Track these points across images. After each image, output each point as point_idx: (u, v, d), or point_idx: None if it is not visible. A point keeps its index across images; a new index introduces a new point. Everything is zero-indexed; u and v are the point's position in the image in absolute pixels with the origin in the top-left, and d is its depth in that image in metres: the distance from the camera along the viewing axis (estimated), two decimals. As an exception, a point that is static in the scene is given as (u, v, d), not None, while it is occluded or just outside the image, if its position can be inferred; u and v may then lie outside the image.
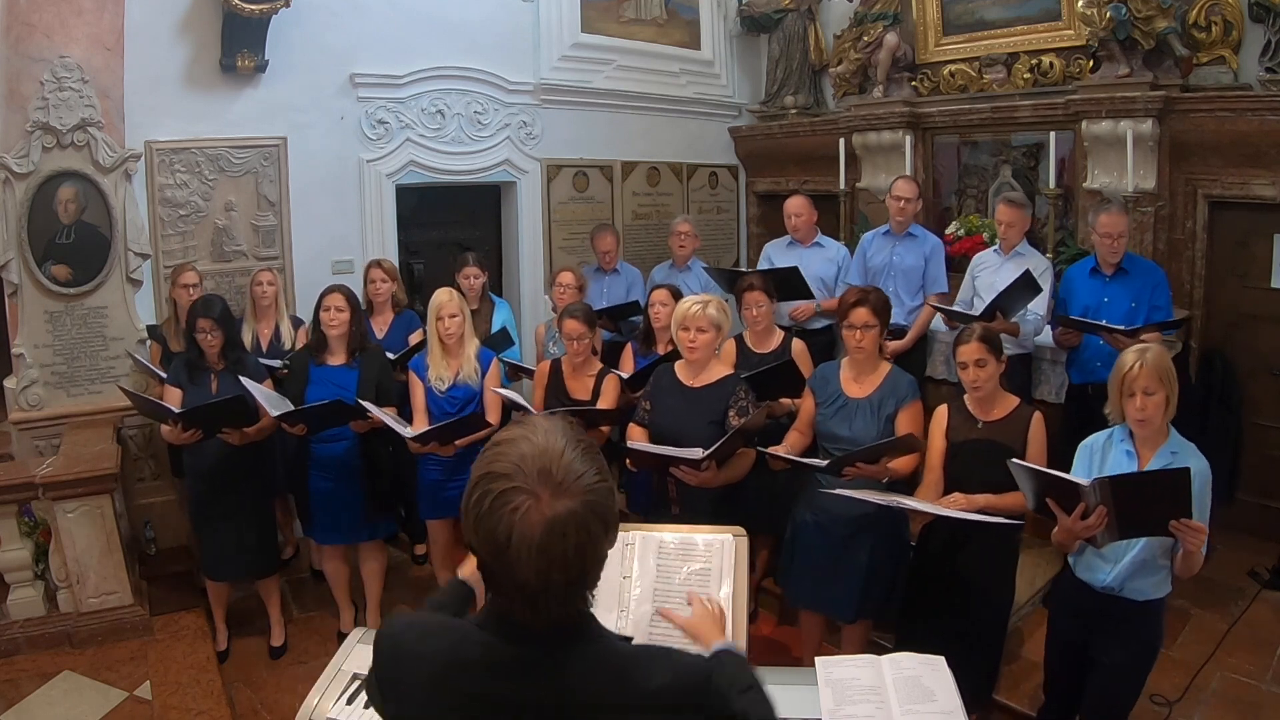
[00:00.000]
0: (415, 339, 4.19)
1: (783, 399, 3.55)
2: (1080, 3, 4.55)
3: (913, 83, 5.59)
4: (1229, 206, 4.45)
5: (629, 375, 3.79)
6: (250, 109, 4.67)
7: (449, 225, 5.79)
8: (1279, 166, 4.15)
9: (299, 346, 4.00)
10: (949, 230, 5.20)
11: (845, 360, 3.17)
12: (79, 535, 3.61)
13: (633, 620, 2.10)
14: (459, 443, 3.47)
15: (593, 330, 3.64)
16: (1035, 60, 5.03)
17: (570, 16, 5.74)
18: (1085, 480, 2.28)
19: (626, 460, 3.20)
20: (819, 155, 5.99)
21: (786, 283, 4.25)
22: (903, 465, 2.95)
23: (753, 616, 3.76)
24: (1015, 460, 2.51)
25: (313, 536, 3.94)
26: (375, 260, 4.47)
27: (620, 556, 2.18)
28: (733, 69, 6.64)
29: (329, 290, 3.64)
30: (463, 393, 3.61)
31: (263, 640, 3.83)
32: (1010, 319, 3.92)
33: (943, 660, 1.99)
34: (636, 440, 3.17)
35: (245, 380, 3.43)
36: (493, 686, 1.11)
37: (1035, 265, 4.06)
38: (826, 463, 2.92)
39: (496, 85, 5.48)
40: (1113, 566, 2.45)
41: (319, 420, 3.46)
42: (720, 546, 2.20)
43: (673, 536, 2.25)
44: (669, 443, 3.00)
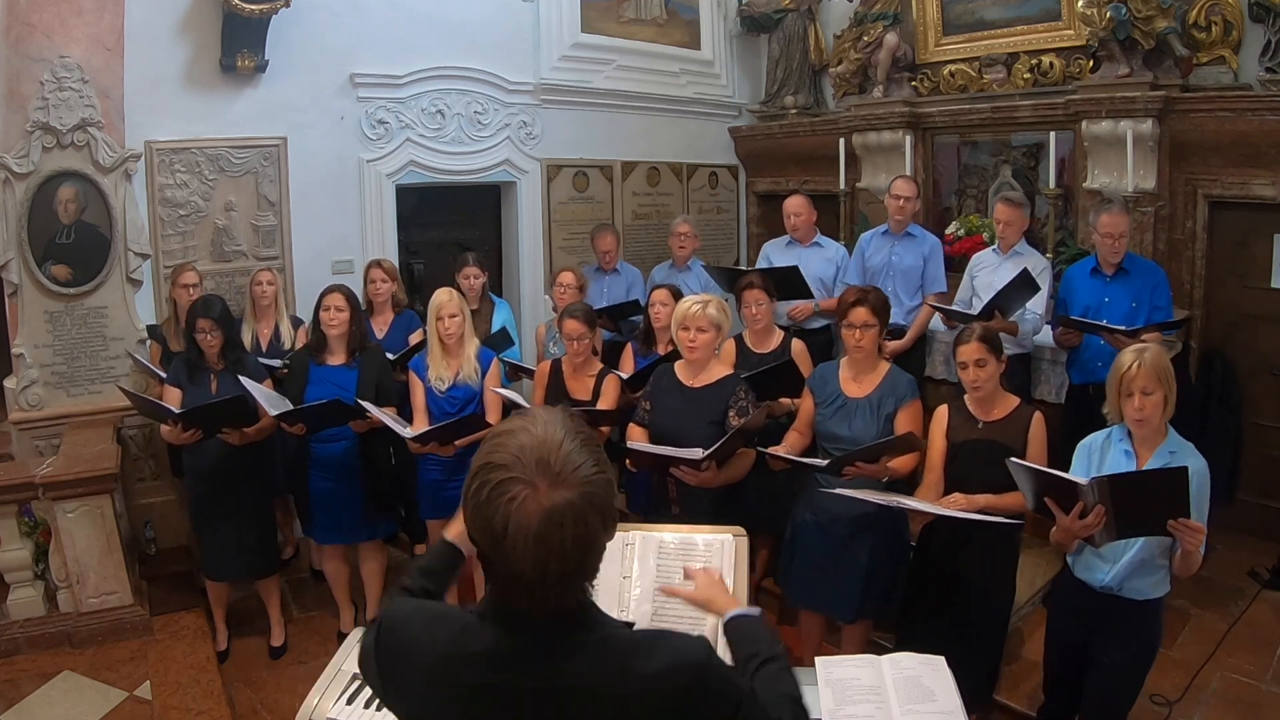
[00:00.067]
0: (415, 339, 4.19)
1: (782, 399, 3.55)
2: (1080, 3, 4.55)
3: (913, 83, 5.58)
4: (1229, 206, 4.45)
5: (629, 375, 3.79)
6: (250, 109, 4.67)
7: (449, 225, 5.79)
8: (1279, 166, 4.15)
9: (299, 346, 4.00)
10: (949, 230, 5.19)
11: (844, 360, 3.17)
12: (79, 535, 3.61)
13: (633, 620, 2.10)
14: (459, 443, 3.46)
15: (593, 330, 3.64)
16: (1035, 60, 5.03)
17: (570, 16, 5.74)
18: (1083, 479, 2.28)
19: (626, 460, 3.20)
20: (819, 155, 5.99)
21: (786, 282, 4.25)
22: (902, 465, 2.94)
23: (753, 616, 3.75)
24: (1013, 459, 2.51)
25: (313, 536, 3.94)
26: (375, 260, 4.47)
27: (620, 556, 2.18)
28: (733, 69, 6.64)
29: (329, 290, 3.64)
30: (463, 393, 3.61)
31: (263, 640, 3.83)
32: (1008, 318, 3.91)
33: (943, 660, 1.99)
34: (636, 440, 3.17)
35: (245, 380, 3.43)
36: (492, 676, 1.11)
37: (1033, 264, 4.07)
38: (826, 462, 2.92)
39: (496, 85, 5.48)
40: (1111, 566, 2.45)
41: (318, 420, 3.47)
42: (720, 546, 2.20)
43: (673, 536, 2.25)
44: (669, 443, 3.00)
